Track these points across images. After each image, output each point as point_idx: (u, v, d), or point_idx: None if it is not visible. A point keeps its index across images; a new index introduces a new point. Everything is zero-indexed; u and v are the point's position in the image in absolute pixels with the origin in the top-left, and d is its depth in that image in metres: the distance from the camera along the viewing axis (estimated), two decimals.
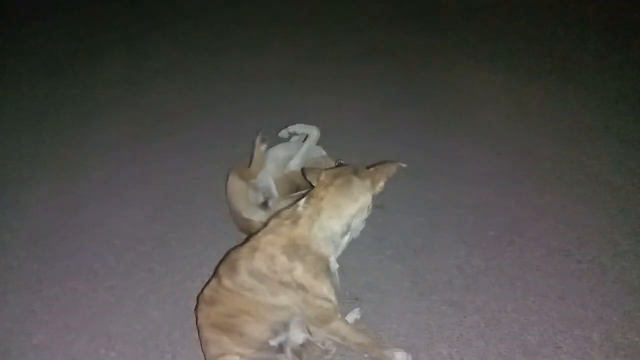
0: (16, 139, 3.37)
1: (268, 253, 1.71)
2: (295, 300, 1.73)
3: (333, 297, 1.76)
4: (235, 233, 2.41)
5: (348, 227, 1.79)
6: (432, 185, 2.91)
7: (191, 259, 2.39)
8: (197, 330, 1.80)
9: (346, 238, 1.82)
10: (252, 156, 2.48)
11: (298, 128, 2.65)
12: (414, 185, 2.89)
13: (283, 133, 2.68)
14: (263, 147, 2.47)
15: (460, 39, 4.65)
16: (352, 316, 2.11)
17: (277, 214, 1.86)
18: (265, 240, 1.75)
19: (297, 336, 1.83)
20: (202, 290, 1.83)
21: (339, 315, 1.81)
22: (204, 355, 1.75)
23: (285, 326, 1.81)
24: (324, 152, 2.68)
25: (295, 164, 2.52)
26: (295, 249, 1.71)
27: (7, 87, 4.04)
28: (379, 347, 1.91)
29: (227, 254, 1.81)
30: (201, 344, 1.76)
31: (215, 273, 1.81)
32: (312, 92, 3.79)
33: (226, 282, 1.73)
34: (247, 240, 1.84)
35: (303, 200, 1.82)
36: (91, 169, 3.01)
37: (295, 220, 1.75)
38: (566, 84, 3.87)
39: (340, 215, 1.76)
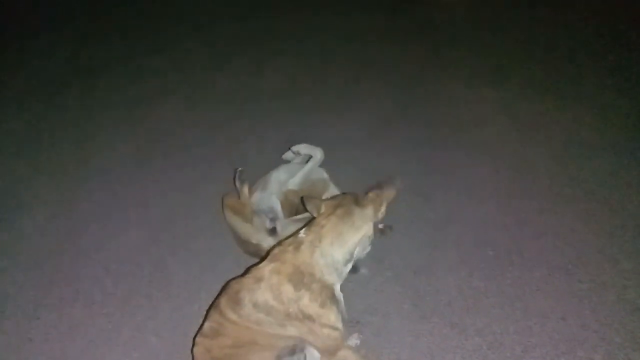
0: (13, 162, 3.37)
1: (274, 282, 1.69)
2: (302, 331, 1.71)
3: (340, 326, 1.74)
4: (234, 255, 2.41)
5: (351, 256, 1.79)
6: (431, 203, 2.90)
7: (190, 283, 2.37)
8: None
9: (349, 266, 1.82)
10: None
11: (303, 148, 2.65)
12: (413, 203, 2.89)
13: (287, 155, 2.70)
14: (245, 187, 2.48)
15: (455, 54, 4.66)
16: (352, 341, 2.09)
17: (279, 243, 1.86)
18: (269, 269, 1.72)
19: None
20: (202, 325, 1.79)
21: (346, 344, 1.79)
22: None
23: (291, 351, 1.78)
24: (325, 175, 2.68)
25: (294, 183, 2.53)
26: (301, 277, 1.69)
27: (1, 107, 4.04)
28: None
29: (227, 284, 1.79)
30: None
31: (216, 305, 1.78)
32: (310, 109, 3.79)
33: (230, 315, 1.70)
34: (247, 270, 1.82)
35: (304, 228, 1.82)
36: (89, 192, 3.00)
37: (297, 246, 1.75)
38: (561, 98, 3.87)
39: (342, 243, 1.76)
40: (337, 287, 1.80)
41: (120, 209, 2.84)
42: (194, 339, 1.77)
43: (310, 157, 2.62)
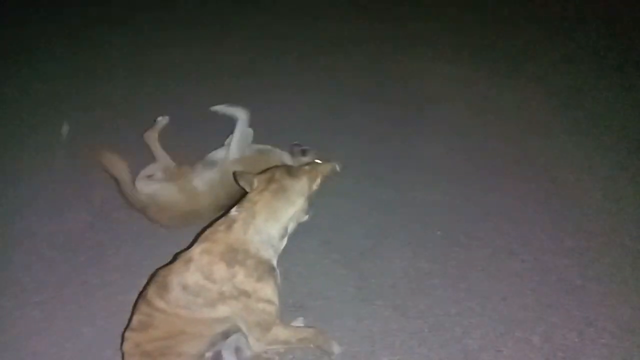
0: None
1: (205, 262, 1.64)
2: (235, 308, 1.66)
3: (276, 300, 1.72)
4: (175, 240, 2.31)
5: (285, 230, 1.79)
6: (384, 184, 2.87)
7: (128, 270, 2.28)
8: None
9: (284, 241, 1.81)
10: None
11: (222, 108, 2.65)
12: (365, 185, 2.86)
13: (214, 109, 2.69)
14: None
15: (423, 29, 4.55)
16: (296, 325, 2.05)
17: (210, 224, 1.80)
18: (200, 249, 1.68)
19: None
20: (130, 318, 1.72)
21: (278, 321, 1.75)
22: None
23: (224, 336, 1.74)
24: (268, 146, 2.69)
25: (233, 152, 2.51)
26: (234, 254, 1.65)
27: None
28: (322, 335, 1.89)
29: (155, 273, 1.72)
30: None
31: (143, 296, 1.70)
32: (267, 87, 3.68)
33: (158, 303, 1.63)
34: (175, 257, 1.75)
35: (235, 206, 1.76)
36: (22, 172, 2.83)
37: (229, 225, 1.70)
38: (526, 80, 3.86)
39: (276, 218, 1.74)
40: (274, 262, 1.77)
41: (56, 191, 2.69)
42: (123, 334, 1.69)
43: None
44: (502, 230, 2.57)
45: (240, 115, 2.57)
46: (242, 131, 2.55)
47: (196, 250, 1.68)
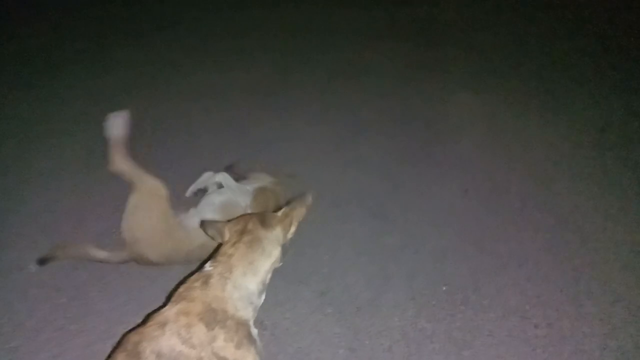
0: None
1: (182, 324, 1.49)
2: None
3: None
4: (161, 285, 2.19)
5: (264, 285, 1.67)
6: (391, 227, 2.69)
7: (109, 314, 2.16)
8: None
9: (262, 297, 1.69)
10: None
11: (200, 183, 2.59)
12: (371, 226, 2.69)
13: (188, 193, 2.62)
14: None
15: (444, 55, 4.42)
16: None
17: (183, 280, 1.66)
18: (176, 310, 1.52)
19: None
20: None
21: None
22: None
23: None
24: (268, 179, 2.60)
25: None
26: (213, 314, 1.51)
27: None
28: None
29: (123, 338, 1.57)
30: None
31: None
32: (278, 116, 3.56)
33: None
34: (147, 318, 1.60)
35: (209, 261, 1.65)
36: (13, 203, 2.76)
37: (205, 280, 1.57)
38: (549, 112, 3.64)
39: (254, 272, 1.63)
40: (252, 324, 1.63)
41: (49, 224, 2.61)
42: None
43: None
44: (516, 288, 2.36)
45: (220, 178, 2.48)
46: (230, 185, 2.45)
47: (172, 310, 1.53)
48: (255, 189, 2.51)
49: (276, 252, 1.70)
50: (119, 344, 1.57)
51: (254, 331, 1.63)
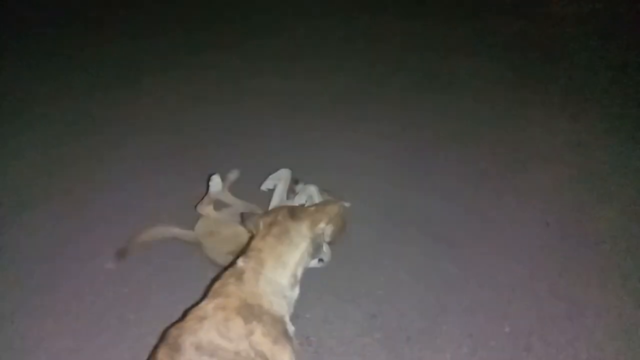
0: None
1: (220, 318, 1.52)
2: None
3: None
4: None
5: (295, 278, 1.69)
6: (455, 254, 2.53)
7: (166, 309, 2.21)
8: None
9: (296, 290, 1.71)
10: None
11: (275, 178, 2.65)
12: (434, 252, 2.55)
13: (263, 187, 2.70)
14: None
15: (539, 73, 4.11)
16: None
17: (217, 276, 1.70)
18: (213, 305, 1.56)
19: None
20: None
21: None
22: None
23: None
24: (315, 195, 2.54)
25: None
26: (250, 309, 1.54)
27: None
28: None
29: (165, 333, 1.61)
30: None
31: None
32: (348, 128, 3.52)
33: None
34: (186, 313, 1.64)
35: (241, 256, 1.69)
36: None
37: (239, 276, 1.61)
38: None
39: (284, 264, 1.66)
40: (288, 320, 1.64)
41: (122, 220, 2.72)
42: None
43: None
44: (591, 341, 2.11)
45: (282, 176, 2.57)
46: (282, 190, 2.52)
47: (209, 305, 1.56)
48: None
49: (304, 244, 1.71)
50: (161, 338, 1.61)
51: (291, 328, 1.63)
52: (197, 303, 1.62)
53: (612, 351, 2.06)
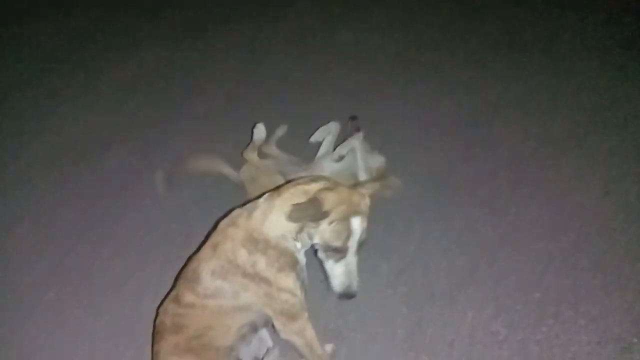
0: None
1: (229, 247, 1.68)
2: (258, 294, 1.67)
3: (299, 292, 1.69)
4: None
5: (306, 237, 1.68)
6: (497, 220, 2.48)
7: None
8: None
9: (301, 254, 1.74)
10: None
11: (325, 131, 2.73)
12: (474, 216, 2.52)
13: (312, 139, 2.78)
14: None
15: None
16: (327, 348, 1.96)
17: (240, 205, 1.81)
18: (226, 234, 1.71)
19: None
20: (157, 317, 1.79)
21: (306, 315, 1.72)
22: None
23: (252, 327, 1.79)
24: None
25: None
26: (255, 243, 1.66)
27: None
28: None
29: (186, 264, 1.81)
30: None
31: (172, 296, 1.77)
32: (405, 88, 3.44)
33: (188, 297, 1.70)
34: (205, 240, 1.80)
35: (268, 192, 1.76)
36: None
37: (251, 212, 1.71)
38: None
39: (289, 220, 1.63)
40: (301, 254, 1.73)
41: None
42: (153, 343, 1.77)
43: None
44: (628, 316, 2.02)
45: (354, 144, 2.52)
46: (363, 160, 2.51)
47: (222, 233, 1.71)
48: (378, 168, 2.54)
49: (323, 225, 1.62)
50: (181, 272, 1.80)
51: (302, 260, 1.73)
52: None
53: None
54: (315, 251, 1.71)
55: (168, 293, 1.83)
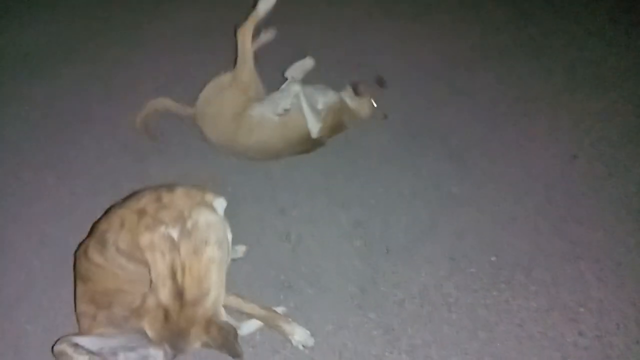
0: None
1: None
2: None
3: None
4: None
5: None
6: (464, 176, 2.42)
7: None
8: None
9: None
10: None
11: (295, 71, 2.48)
12: (442, 170, 2.44)
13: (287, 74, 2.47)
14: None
15: None
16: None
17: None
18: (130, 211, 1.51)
19: None
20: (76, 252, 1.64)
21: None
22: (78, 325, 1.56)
23: None
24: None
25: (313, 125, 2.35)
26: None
27: None
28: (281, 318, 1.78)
29: (93, 227, 1.60)
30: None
31: (83, 248, 1.58)
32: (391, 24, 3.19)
33: (97, 258, 1.52)
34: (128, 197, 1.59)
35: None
36: None
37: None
38: None
39: None
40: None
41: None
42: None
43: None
44: (578, 284, 2.03)
45: (296, 90, 2.31)
46: (308, 105, 2.33)
47: (127, 210, 1.51)
48: (331, 106, 2.39)
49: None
50: (90, 231, 1.62)
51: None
52: None
53: (596, 298, 1.95)
54: None
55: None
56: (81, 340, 1.39)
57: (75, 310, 1.55)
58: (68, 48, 3.02)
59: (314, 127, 2.32)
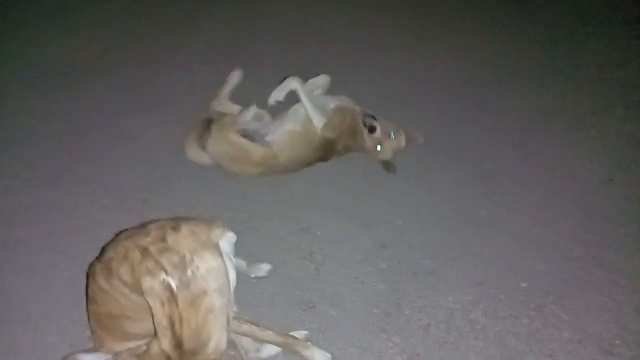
0: None
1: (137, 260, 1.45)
2: None
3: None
4: None
5: None
6: (493, 200, 2.39)
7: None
8: None
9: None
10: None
11: (278, 94, 2.44)
12: (469, 192, 2.43)
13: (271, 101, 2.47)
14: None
15: None
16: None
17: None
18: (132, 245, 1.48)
19: None
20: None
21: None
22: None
23: None
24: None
25: (317, 121, 2.42)
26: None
27: None
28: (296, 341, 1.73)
29: (102, 250, 1.59)
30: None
31: (92, 270, 1.57)
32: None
33: (103, 283, 1.51)
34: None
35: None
36: None
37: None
38: None
39: None
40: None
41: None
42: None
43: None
44: (614, 315, 1.94)
45: (293, 85, 2.39)
46: (309, 99, 2.40)
47: (132, 244, 1.49)
48: (333, 109, 2.44)
49: None
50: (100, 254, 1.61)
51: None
52: None
53: (634, 331, 1.86)
54: None
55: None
56: (86, 357, 1.40)
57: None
58: (104, 64, 3.13)
59: (318, 121, 2.38)
